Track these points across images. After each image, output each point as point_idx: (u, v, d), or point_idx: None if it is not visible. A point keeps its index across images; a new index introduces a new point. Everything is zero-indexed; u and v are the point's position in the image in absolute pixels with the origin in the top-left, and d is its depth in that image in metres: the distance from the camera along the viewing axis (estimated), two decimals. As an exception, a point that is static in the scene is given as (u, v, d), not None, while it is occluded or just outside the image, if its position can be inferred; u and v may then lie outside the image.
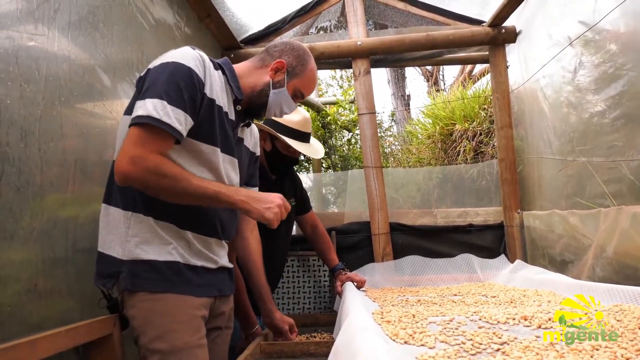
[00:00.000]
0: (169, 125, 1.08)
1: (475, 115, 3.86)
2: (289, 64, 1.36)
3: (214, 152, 1.24)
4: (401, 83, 8.09)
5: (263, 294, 1.63)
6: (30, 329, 1.04)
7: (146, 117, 1.06)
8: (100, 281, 1.16)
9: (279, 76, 1.36)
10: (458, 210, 2.70)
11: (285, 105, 1.38)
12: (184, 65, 1.14)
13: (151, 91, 1.10)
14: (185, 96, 1.12)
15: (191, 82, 1.14)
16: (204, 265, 1.24)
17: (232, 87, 1.31)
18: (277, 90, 1.35)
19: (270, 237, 1.91)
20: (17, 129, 1.05)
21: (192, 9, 2.16)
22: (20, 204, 1.05)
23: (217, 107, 1.24)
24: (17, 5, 1.06)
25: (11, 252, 1.02)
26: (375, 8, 2.86)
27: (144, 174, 1.06)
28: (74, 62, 1.28)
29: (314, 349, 1.47)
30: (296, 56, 1.38)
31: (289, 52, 1.38)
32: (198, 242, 1.23)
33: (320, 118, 5.11)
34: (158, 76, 1.12)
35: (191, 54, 1.18)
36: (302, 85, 1.39)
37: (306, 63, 1.39)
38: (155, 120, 1.06)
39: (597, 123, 1.75)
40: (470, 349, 0.91)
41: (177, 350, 1.13)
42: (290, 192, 2.11)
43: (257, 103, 1.36)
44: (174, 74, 1.12)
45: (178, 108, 1.10)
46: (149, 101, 1.08)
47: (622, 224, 1.50)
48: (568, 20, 1.95)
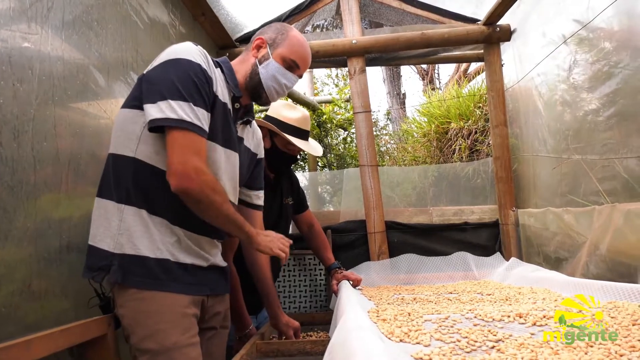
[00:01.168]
0: (200, 129, 1.13)
1: (470, 114, 3.87)
2: (268, 38, 1.38)
3: (213, 149, 1.24)
4: (396, 82, 8.09)
5: (270, 298, 1.65)
6: (25, 329, 1.03)
7: (181, 122, 1.10)
8: (89, 274, 1.15)
9: (262, 52, 1.37)
10: (453, 208, 2.71)
11: (280, 76, 1.36)
12: (195, 63, 1.17)
13: (172, 91, 1.11)
14: (203, 94, 1.16)
15: (205, 79, 1.18)
16: (194, 263, 1.23)
17: (230, 84, 1.32)
18: (264, 64, 1.35)
19: None
20: (10, 128, 1.04)
21: (187, 8, 2.15)
22: (14, 204, 1.04)
23: (220, 103, 1.26)
24: (10, 4, 1.05)
25: (5, 252, 1.02)
26: (370, 6, 2.85)
27: (202, 187, 1.12)
28: (68, 61, 1.27)
29: (310, 347, 1.47)
30: (274, 29, 1.39)
31: (266, 29, 1.41)
32: (188, 239, 1.23)
33: (315, 117, 5.10)
34: (173, 74, 1.13)
35: (196, 51, 1.20)
36: (290, 52, 1.37)
37: (286, 32, 1.39)
38: (192, 125, 1.11)
39: (592, 121, 1.76)
40: (465, 346, 0.91)
41: (167, 350, 1.12)
42: (287, 191, 2.10)
43: (253, 86, 1.36)
44: (188, 72, 1.15)
45: (202, 108, 1.15)
46: (174, 103, 1.10)
47: (616, 222, 1.51)
48: (562, 18, 1.96)
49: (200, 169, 1.11)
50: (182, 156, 1.09)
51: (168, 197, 1.16)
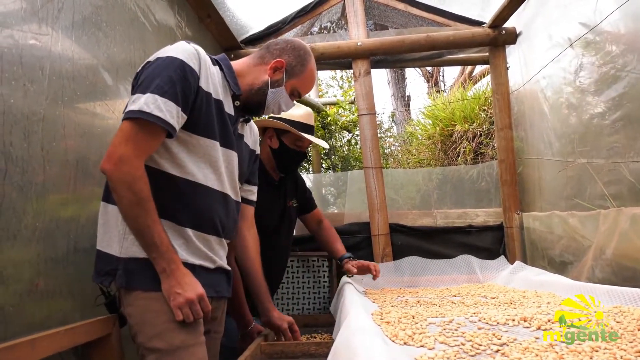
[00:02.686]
0: (159, 119, 1.08)
1: (475, 117, 3.87)
2: (288, 63, 1.36)
3: (213, 147, 1.23)
4: (401, 84, 8.09)
5: (260, 293, 1.62)
6: (31, 329, 1.04)
7: (137, 112, 1.07)
8: (98, 279, 1.16)
9: (278, 75, 1.35)
10: (458, 211, 2.70)
11: (283, 103, 1.39)
12: (177, 59, 1.14)
13: (144, 85, 1.10)
14: (178, 89, 1.12)
15: (184, 75, 1.13)
16: (202, 265, 1.23)
17: (229, 82, 1.31)
18: (275, 90, 1.35)
19: (269, 244, 1.91)
20: (20, 128, 1.05)
21: (193, 10, 2.16)
22: (23, 204, 1.06)
23: (214, 101, 1.24)
24: (22, 5, 1.07)
25: (14, 251, 1.03)
26: (375, 9, 2.86)
27: (120, 177, 1.06)
28: (77, 61, 1.28)
29: (314, 349, 1.47)
30: (296, 56, 1.37)
31: (289, 51, 1.37)
32: (198, 239, 1.23)
33: (320, 119, 5.11)
34: (152, 71, 1.12)
35: (185, 48, 1.18)
36: (300, 85, 1.40)
37: (306, 63, 1.39)
38: (147, 115, 1.07)
39: (598, 124, 1.76)
40: (469, 350, 0.91)
41: (175, 349, 1.12)
42: (292, 193, 2.10)
43: (255, 100, 1.36)
44: (167, 67, 1.12)
45: (170, 101, 1.10)
46: (141, 95, 1.09)
47: (622, 226, 1.50)
48: (568, 21, 1.96)
49: (126, 158, 1.05)
50: (114, 144, 1.07)
51: (174, 198, 1.17)
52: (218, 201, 1.27)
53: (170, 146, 1.17)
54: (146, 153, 1.10)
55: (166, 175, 1.16)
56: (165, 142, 1.16)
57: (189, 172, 1.20)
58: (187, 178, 1.19)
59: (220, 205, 1.28)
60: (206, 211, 1.24)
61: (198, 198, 1.22)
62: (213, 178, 1.25)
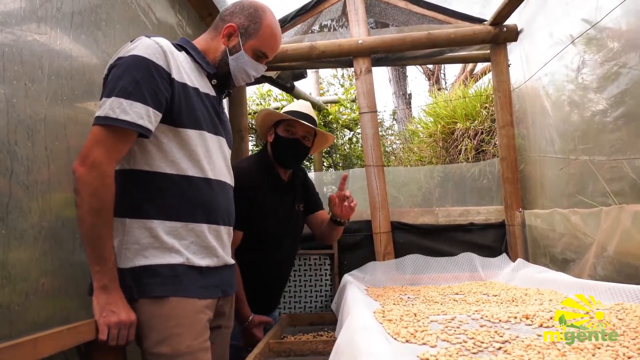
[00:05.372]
0: (126, 122, 1.06)
1: (476, 114, 3.86)
2: (240, 25, 1.30)
3: (201, 136, 1.22)
4: (402, 82, 8.08)
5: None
6: (37, 327, 1.04)
7: (103, 118, 1.06)
8: None
9: (234, 41, 1.31)
10: (459, 209, 2.70)
11: (250, 68, 1.34)
12: (139, 57, 1.11)
13: (109, 88, 1.09)
14: (144, 88, 1.09)
15: (149, 73, 1.11)
16: (208, 265, 1.23)
17: (200, 64, 1.28)
18: (235, 56, 1.31)
19: (278, 246, 1.91)
20: (24, 127, 1.06)
21: (194, 8, 2.16)
22: (29, 203, 1.06)
23: (192, 90, 1.21)
24: (21, 4, 1.07)
25: (20, 250, 1.03)
26: (376, 7, 2.85)
27: (89, 181, 1.04)
28: (76, 60, 1.28)
29: (322, 347, 1.49)
30: (247, 15, 1.31)
31: (239, 12, 1.32)
32: (211, 234, 1.23)
33: (321, 117, 5.11)
34: (115, 72, 1.11)
35: (147, 44, 1.14)
36: (260, 45, 1.33)
37: (260, 20, 1.32)
38: (112, 120, 1.05)
39: (600, 122, 1.75)
40: (471, 347, 0.91)
41: (181, 355, 1.12)
42: (300, 197, 2.06)
43: (221, 74, 1.33)
44: (130, 67, 1.10)
45: (137, 102, 1.08)
46: (106, 100, 1.08)
47: (624, 223, 1.50)
48: (570, 18, 1.95)
49: (98, 163, 1.04)
50: (90, 144, 1.05)
51: (179, 198, 1.17)
52: (218, 190, 1.27)
53: (162, 145, 1.16)
54: (117, 158, 1.09)
55: (166, 176, 1.16)
56: (157, 142, 1.15)
57: (187, 168, 1.19)
58: (187, 174, 1.19)
59: (220, 194, 1.28)
60: (213, 203, 1.24)
61: (201, 192, 1.22)
62: (209, 168, 1.25)
